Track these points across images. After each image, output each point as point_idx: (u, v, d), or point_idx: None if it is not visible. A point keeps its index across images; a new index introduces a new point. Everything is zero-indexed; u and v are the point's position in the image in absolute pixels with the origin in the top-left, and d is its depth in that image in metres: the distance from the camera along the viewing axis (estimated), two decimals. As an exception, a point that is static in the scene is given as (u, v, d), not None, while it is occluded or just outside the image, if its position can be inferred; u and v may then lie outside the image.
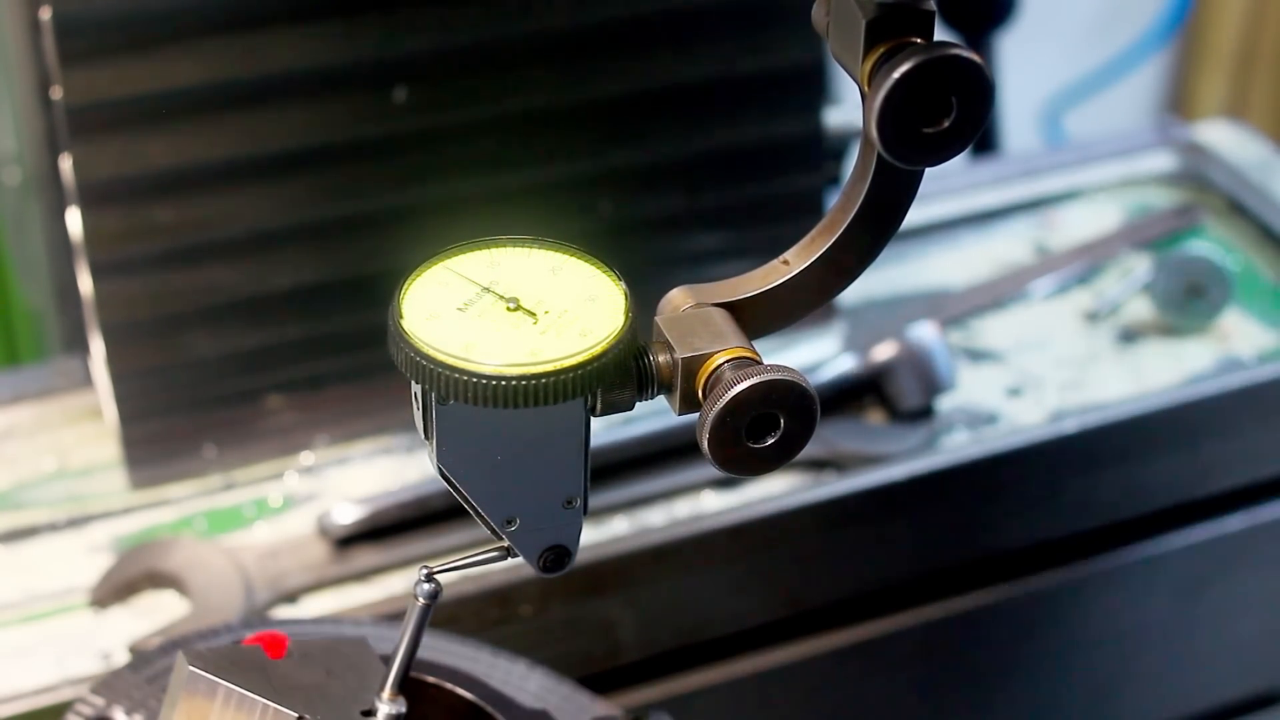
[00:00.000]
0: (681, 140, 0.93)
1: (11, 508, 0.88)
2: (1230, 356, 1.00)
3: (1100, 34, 1.97)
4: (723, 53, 0.91)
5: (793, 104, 0.94)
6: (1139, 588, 0.96)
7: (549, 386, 0.46)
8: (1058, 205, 1.12)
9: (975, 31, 1.46)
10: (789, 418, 0.49)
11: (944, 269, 1.06)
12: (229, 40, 0.83)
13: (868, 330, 0.96)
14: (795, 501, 0.86)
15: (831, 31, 0.51)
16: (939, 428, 0.93)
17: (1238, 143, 1.15)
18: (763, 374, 0.48)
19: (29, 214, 0.96)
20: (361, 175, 0.88)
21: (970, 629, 0.93)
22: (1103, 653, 0.97)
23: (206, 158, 0.85)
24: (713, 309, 0.52)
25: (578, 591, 0.81)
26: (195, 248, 0.86)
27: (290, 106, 0.85)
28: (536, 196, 0.90)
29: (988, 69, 0.48)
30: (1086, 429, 0.90)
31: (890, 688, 0.93)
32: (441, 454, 0.50)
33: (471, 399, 0.46)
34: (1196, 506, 0.95)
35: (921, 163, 0.49)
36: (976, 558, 0.92)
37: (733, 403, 0.48)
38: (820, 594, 0.89)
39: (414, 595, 0.55)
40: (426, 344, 0.47)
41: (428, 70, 0.86)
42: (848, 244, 0.52)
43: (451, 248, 0.51)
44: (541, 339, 0.47)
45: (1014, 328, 1.02)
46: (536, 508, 0.52)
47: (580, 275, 0.50)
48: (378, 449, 0.92)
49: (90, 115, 0.82)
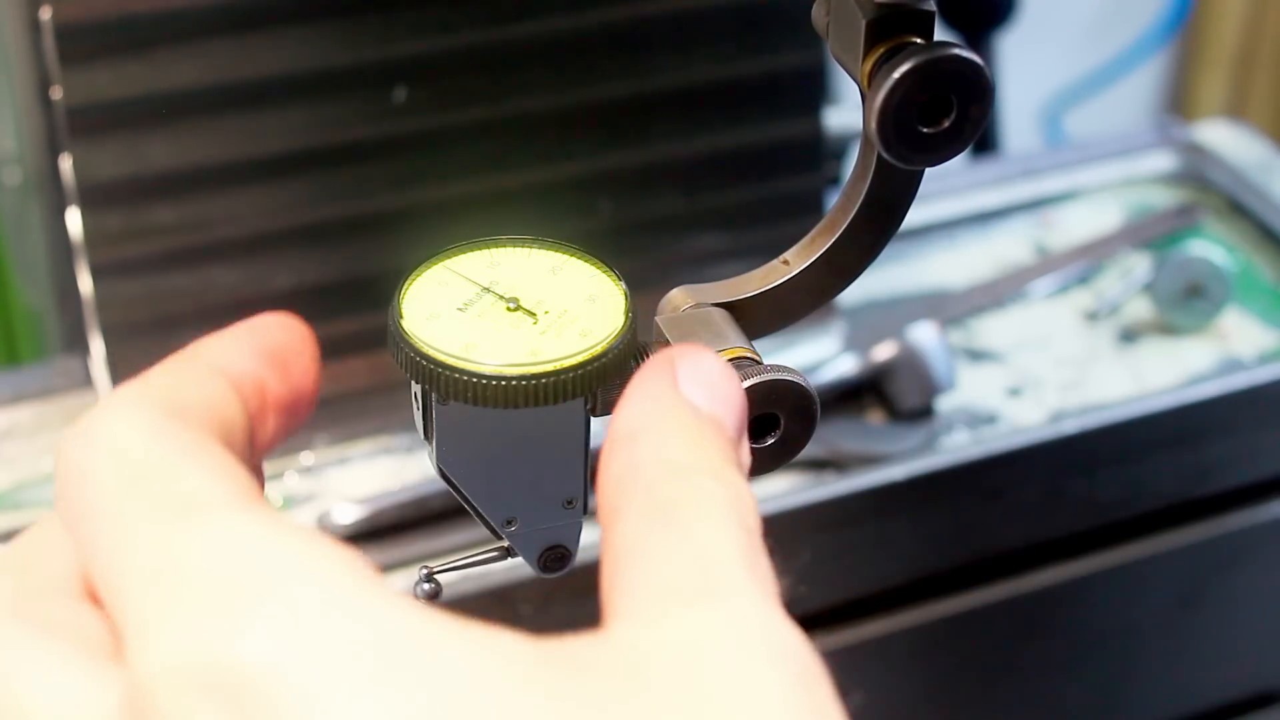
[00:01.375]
0: (682, 141, 0.93)
1: (11, 508, 0.88)
2: (1230, 356, 1.00)
3: (1100, 34, 1.97)
4: (723, 53, 0.91)
5: (793, 105, 0.94)
6: (1139, 588, 0.96)
7: (549, 386, 0.46)
8: (1058, 205, 1.12)
9: (975, 31, 1.46)
10: (789, 418, 0.49)
11: (944, 269, 1.06)
12: (229, 40, 0.83)
13: (868, 330, 0.96)
14: (795, 501, 0.86)
15: (831, 31, 0.51)
16: (939, 428, 0.93)
17: (1238, 143, 1.15)
18: (763, 374, 0.48)
19: (29, 214, 0.96)
20: (361, 175, 0.88)
21: (970, 629, 0.93)
22: (1103, 653, 0.97)
23: (206, 158, 0.85)
24: (713, 309, 0.52)
25: (578, 591, 0.81)
26: (195, 248, 0.86)
27: (290, 106, 0.85)
28: (536, 196, 0.90)
29: (988, 69, 0.48)
30: (1086, 429, 0.90)
31: (890, 688, 0.93)
32: (441, 454, 0.50)
33: (472, 399, 0.46)
34: (1196, 506, 0.95)
35: (921, 163, 0.49)
36: (976, 558, 0.92)
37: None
38: (820, 594, 0.89)
39: (414, 595, 0.55)
40: (426, 344, 0.47)
41: (428, 70, 0.86)
42: (848, 244, 0.52)
43: (451, 248, 0.51)
44: (541, 339, 0.47)
45: (1014, 328, 1.02)
46: (536, 508, 0.52)
47: (580, 275, 0.50)
48: (378, 449, 0.92)
49: (90, 115, 0.82)
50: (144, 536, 0.35)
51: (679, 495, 0.38)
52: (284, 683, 0.32)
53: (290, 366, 0.42)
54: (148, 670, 0.33)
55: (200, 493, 0.35)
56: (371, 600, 0.34)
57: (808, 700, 0.35)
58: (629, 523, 0.38)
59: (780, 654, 0.36)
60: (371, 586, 0.34)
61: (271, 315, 0.42)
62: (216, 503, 0.35)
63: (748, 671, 0.35)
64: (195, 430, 0.37)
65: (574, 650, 0.35)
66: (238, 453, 0.39)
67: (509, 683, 0.33)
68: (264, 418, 0.41)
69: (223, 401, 0.39)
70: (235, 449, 0.39)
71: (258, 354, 0.41)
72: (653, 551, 0.37)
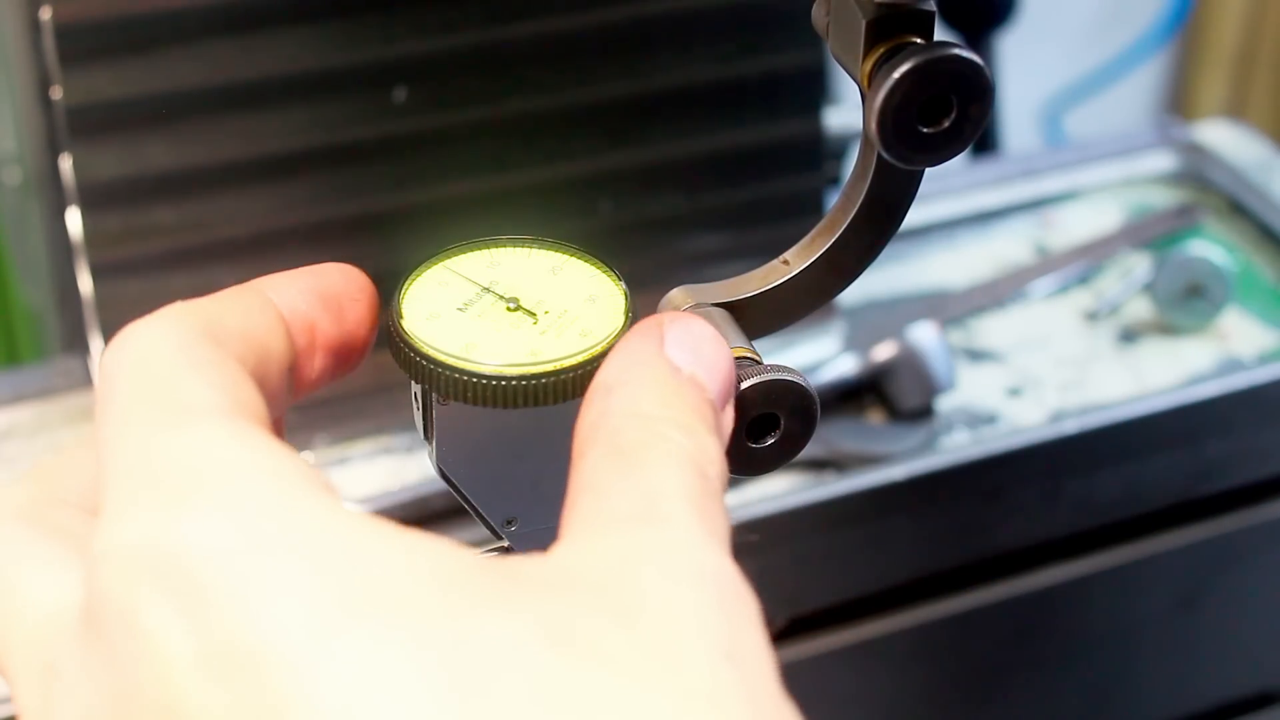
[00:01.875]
0: (682, 141, 0.93)
1: (11, 508, 0.88)
2: (1230, 356, 1.00)
3: (1100, 34, 1.97)
4: (723, 53, 0.91)
5: (793, 105, 0.94)
6: (1139, 588, 0.96)
7: (549, 386, 0.46)
8: (1058, 205, 1.12)
9: (975, 31, 1.46)
10: (789, 418, 0.49)
11: (944, 269, 1.06)
12: (229, 41, 0.83)
13: (868, 330, 0.96)
14: (795, 501, 0.86)
15: (831, 31, 0.51)
16: (939, 428, 0.93)
17: (1238, 143, 1.15)
18: (763, 374, 0.48)
19: (29, 214, 0.96)
20: (361, 175, 0.88)
21: (970, 629, 0.93)
22: (1103, 653, 0.97)
23: (206, 158, 0.85)
24: (713, 309, 0.52)
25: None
26: (195, 248, 0.86)
27: (290, 107, 0.85)
28: (536, 196, 0.90)
29: (988, 69, 0.48)
30: (1086, 429, 0.90)
31: (890, 688, 0.93)
32: (441, 454, 0.50)
33: (471, 399, 0.46)
34: (1196, 506, 0.95)
35: (921, 163, 0.49)
36: (976, 558, 0.92)
37: (733, 403, 0.48)
38: (820, 594, 0.89)
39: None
40: (427, 344, 0.47)
41: (428, 70, 0.86)
42: (848, 244, 0.52)
43: (451, 248, 0.51)
44: (541, 339, 0.47)
45: (1014, 328, 1.02)
46: (537, 508, 0.52)
47: (580, 275, 0.50)
48: (378, 449, 0.92)
49: (90, 115, 0.82)
50: (132, 437, 0.37)
51: (640, 440, 0.40)
52: (217, 567, 0.34)
53: (345, 311, 0.45)
54: (100, 552, 0.35)
55: (194, 403, 0.38)
56: (317, 504, 0.36)
57: (724, 622, 0.36)
58: (589, 462, 0.40)
59: (705, 577, 0.37)
60: (321, 494, 0.36)
61: (334, 263, 0.46)
62: (205, 411, 0.37)
63: (669, 588, 0.36)
64: (218, 349, 0.40)
65: (510, 564, 0.36)
66: (272, 380, 0.42)
67: (434, 582, 0.34)
68: (311, 355, 0.44)
69: (266, 331, 0.42)
70: (269, 376, 0.42)
71: (313, 294, 0.44)
72: (605, 486, 0.39)
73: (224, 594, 0.34)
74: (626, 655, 0.34)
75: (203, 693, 0.33)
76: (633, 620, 0.35)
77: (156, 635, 0.34)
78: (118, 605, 0.35)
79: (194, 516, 0.35)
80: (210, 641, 0.34)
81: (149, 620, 0.34)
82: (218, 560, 0.34)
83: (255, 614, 0.33)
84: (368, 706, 0.32)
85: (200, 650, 0.34)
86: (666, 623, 0.35)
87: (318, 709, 0.32)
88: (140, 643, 0.34)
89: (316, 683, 0.33)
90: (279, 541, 0.35)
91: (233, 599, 0.34)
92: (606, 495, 0.39)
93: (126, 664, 0.34)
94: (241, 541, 0.34)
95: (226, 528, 0.35)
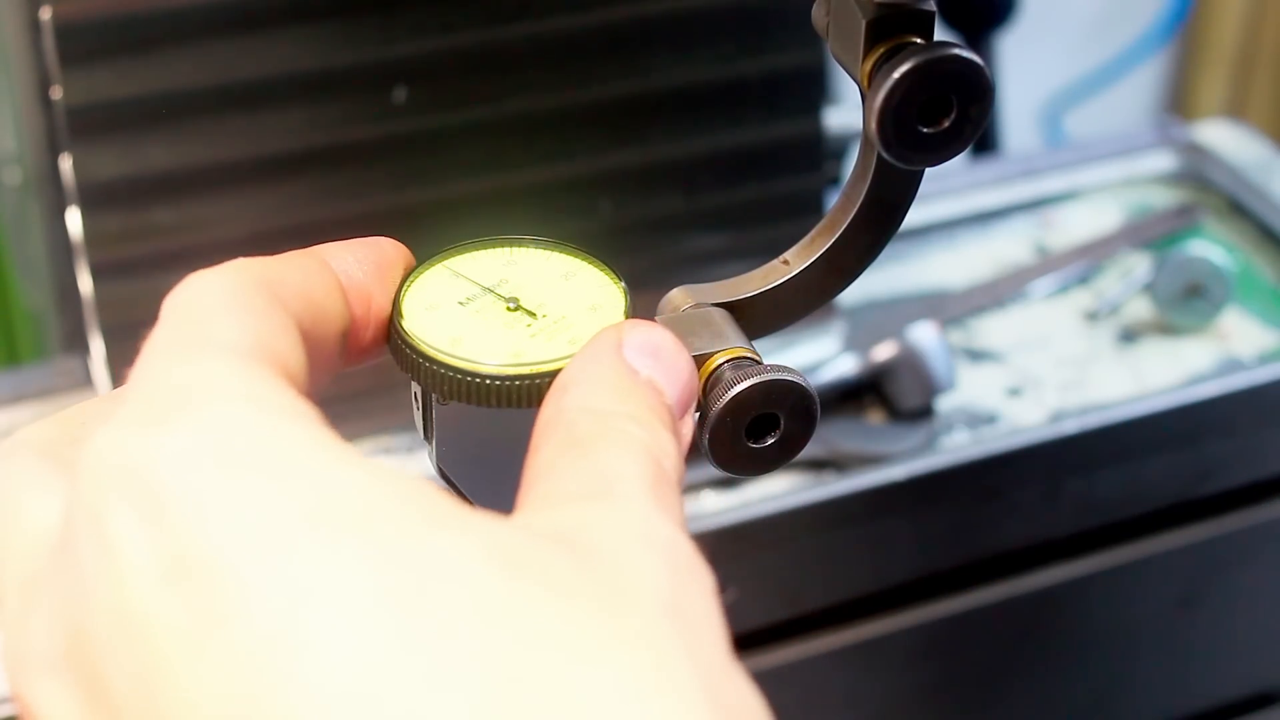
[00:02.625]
0: (681, 141, 0.93)
1: (11, 508, 0.88)
2: (1230, 356, 1.00)
3: (1100, 34, 1.97)
4: (723, 53, 0.91)
5: (793, 105, 0.94)
6: (1139, 588, 0.96)
7: (547, 387, 0.46)
8: (1058, 205, 1.12)
9: (975, 31, 1.46)
10: (789, 418, 0.49)
11: (944, 269, 1.06)
12: (229, 40, 0.83)
13: (868, 330, 0.96)
14: (795, 501, 0.86)
15: (831, 31, 0.51)
16: (939, 428, 0.94)
17: (1238, 143, 1.15)
18: (763, 374, 0.48)
19: (29, 214, 0.96)
20: (361, 175, 0.88)
21: (970, 629, 0.93)
22: (1103, 653, 0.97)
23: (206, 158, 0.85)
24: (713, 309, 0.52)
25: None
26: (195, 248, 0.86)
27: (290, 107, 0.85)
28: (536, 196, 0.90)
29: (988, 69, 0.48)
30: (1086, 429, 0.90)
31: (890, 688, 0.93)
32: (441, 454, 0.50)
33: (468, 398, 0.46)
34: (1196, 506, 0.95)
35: (921, 163, 0.49)
36: (976, 558, 0.92)
37: (733, 403, 0.48)
38: (820, 594, 0.89)
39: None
40: (421, 339, 0.47)
41: (428, 70, 0.86)
42: (848, 244, 0.52)
43: (471, 242, 0.51)
44: (530, 341, 0.47)
45: (1014, 328, 1.02)
46: (537, 508, 0.52)
47: (591, 284, 0.50)
48: (378, 449, 0.92)
49: (90, 115, 0.82)
50: (150, 367, 0.39)
51: (595, 431, 0.41)
52: (179, 479, 0.35)
53: (396, 283, 0.47)
54: (81, 464, 0.37)
55: (217, 339, 0.39)
56: (295, 430, 0.36)
57: (673, 583, 0.36)
58: (543, 454, 0.41)
59: (657, 544, 0.37)
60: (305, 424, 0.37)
61: (385, 237, 0.48)
62: (221, 347, 0.38)
63: (619, 545, 0.37)
64: (270, 300, 0.41)
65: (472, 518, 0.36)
66: (326, 342, 0.43)
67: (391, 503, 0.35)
68: (367, 323, 0.46)
69: (324, 294, 0.43)
70: (324, 339, 0.43)
71: (370, 264, 0.46)
72: (560, 471, 0.40)
73: (183, 504, 0.35)
74: (572, 586, 0.35)
75: (155, 599, 0.34)
76: (581, 562, 0.36)
77: (118, 542, 0.35)
78: (87, 513, 0.36)
79: (167, 431, 0.36)
80: (166, 550, 0.34)
81: (112, 527, 0.35)
82: (181, 472, 0.35)
83: (211, 525, 0.34)
84: (309, 614, 0.33)
85: (156, 558, 0.34)
86: (614, 571, 0.36)
87: (260, 617, 0.33)
88: (103, 549, 0.35)
89: (262, 592, 0.33)
90: (244, 458, 0.35)
91: (191, 509, 0.35)
92: (560, 479, 0.40)
93: (88, 569, 0.35)
94: (208, 456, 0.35)
95: (195, 442, 0.36)
